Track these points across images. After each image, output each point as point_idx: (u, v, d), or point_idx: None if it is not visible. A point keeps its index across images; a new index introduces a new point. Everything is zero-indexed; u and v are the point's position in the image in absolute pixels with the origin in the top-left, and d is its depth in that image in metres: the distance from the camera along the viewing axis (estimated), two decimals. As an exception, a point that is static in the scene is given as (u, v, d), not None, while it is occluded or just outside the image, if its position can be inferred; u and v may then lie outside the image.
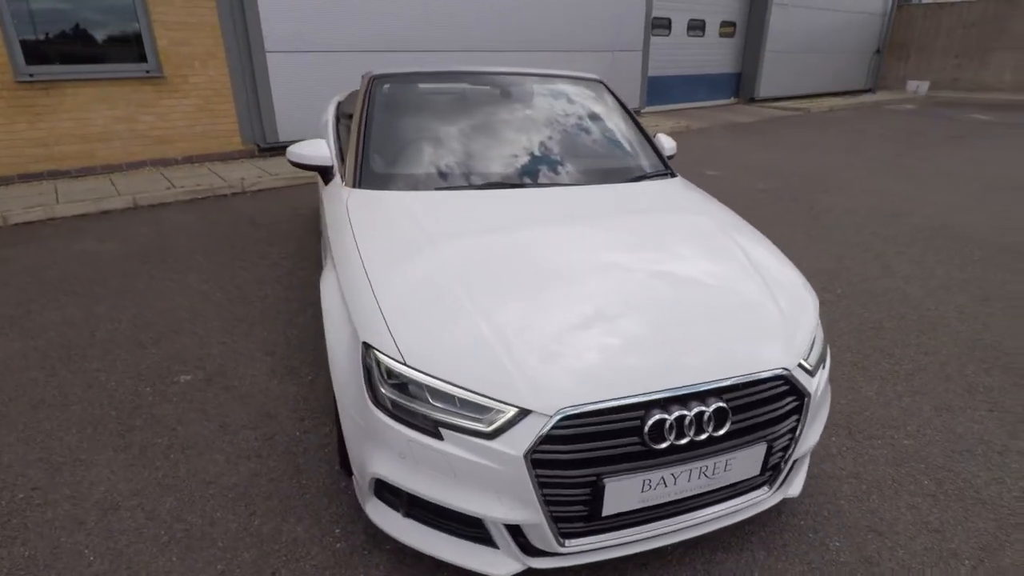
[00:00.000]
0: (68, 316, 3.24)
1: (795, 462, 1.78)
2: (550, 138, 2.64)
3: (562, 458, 1.45)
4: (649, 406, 1.48)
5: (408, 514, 1.63)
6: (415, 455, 1.50)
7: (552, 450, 1.44)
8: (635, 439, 1.48)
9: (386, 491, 1.65)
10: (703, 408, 1.50)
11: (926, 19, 16.04)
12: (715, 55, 12.29)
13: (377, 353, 1.55)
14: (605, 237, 2.00)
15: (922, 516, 2.01)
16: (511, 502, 1.46)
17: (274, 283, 3.69)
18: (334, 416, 2.34)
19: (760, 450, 1.61)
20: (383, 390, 1.54)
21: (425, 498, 1.53)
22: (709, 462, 1.55)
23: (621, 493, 1.49)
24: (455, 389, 1.47)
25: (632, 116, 2.93)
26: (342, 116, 3.52)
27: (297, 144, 2.50)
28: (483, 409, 1.46)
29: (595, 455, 1.46)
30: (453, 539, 1.60)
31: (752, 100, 12.96)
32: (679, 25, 11.28)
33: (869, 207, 5.62)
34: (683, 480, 1.54)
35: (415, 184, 2.29)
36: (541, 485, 1.45)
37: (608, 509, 1.50)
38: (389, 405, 1.53)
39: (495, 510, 1.47)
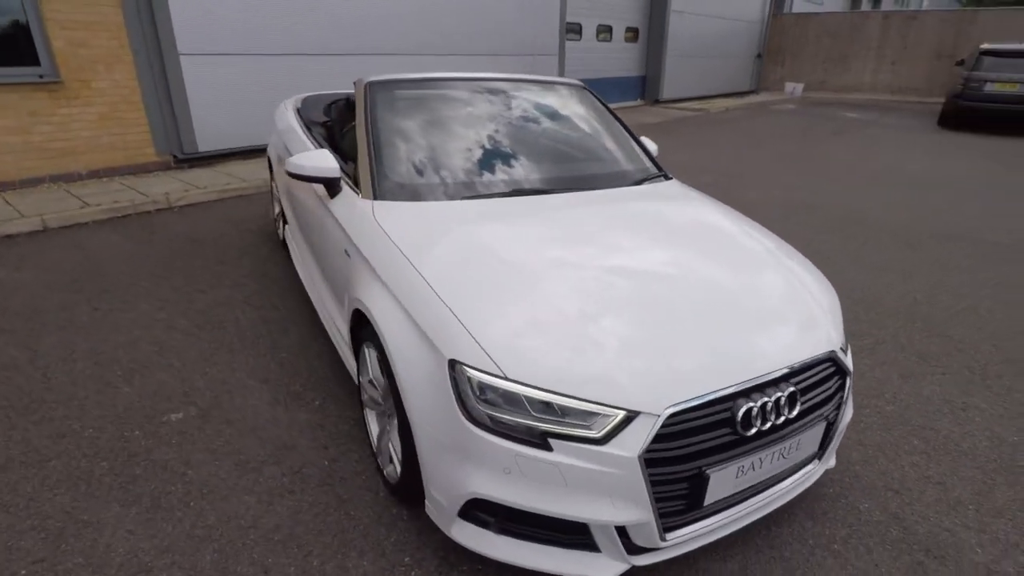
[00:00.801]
0: (8, 359, 2.82)
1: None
2: (559, 142, 2.68)
3: (670, 455, 1.50)
4: (736, 397, 1.57)
5: (502, 530, 1.61)
6: (522, 469, 1.49)
7: (662, 448, 1.48)
8: (728, 429, 1.56)
9: (476, 510, 1.61)
10: (779, 393, 1.61)
11: (796, 27, 17.79)
12: (622, 59, 12.89)
13: (468, 370, 1.52)
14: (652, 241, 2.07)
15: (923, 472, 2.27)
16: (623, 504, 1.49)
17: (242, 305, 3.43)
18: (367, 441, 2.24)
19: (821, 428, 1.76)
20: (480, 407, 1.51)
21: (530, 511, 1.52)
22: (787, 443, 1.66)
23: (721, 482, 1.56)
24: (561, 398, 1.47)
25: (620, 120, 3.03)
26: (311, 123, 3.34)
27: (298, 156, 2.35)
28: (588, 415, 1.47)
29: (698, 448, 1.53)
30: (552, 549, 1.60)
31: (657, 101, 13.73)
32: (589, 30, 11.71)
33: (786, 200, 6.17)
34: (767, 462, 1.64)
35: (441, 193, 2.24)
36: (652, 484, 1.49)
37: (709, 499, 1.57)
38: (488, 421, 1.50)
39: (607, 514, 1.49)
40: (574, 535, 1.58)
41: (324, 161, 2.30)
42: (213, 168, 6.38)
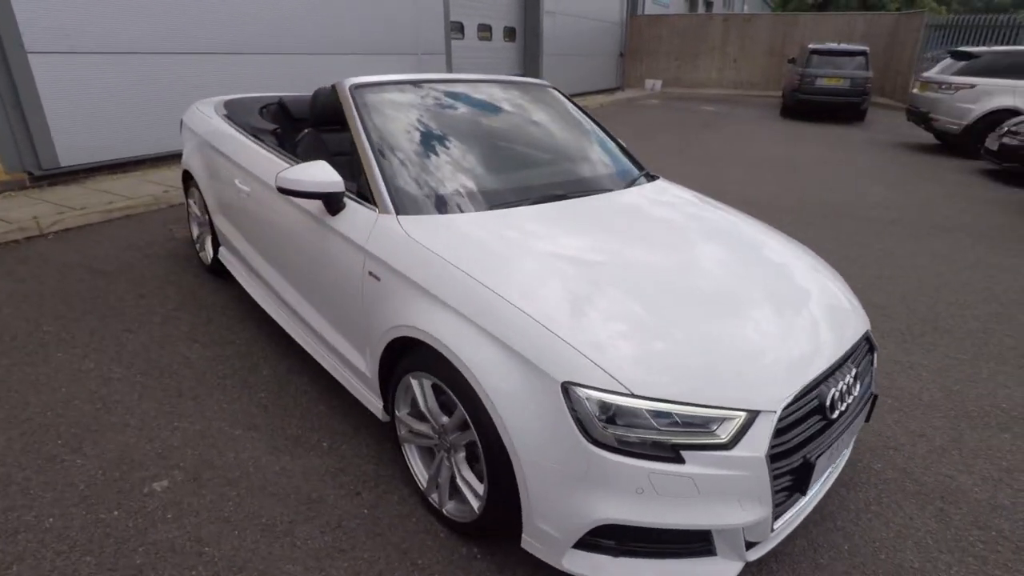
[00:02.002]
0: None
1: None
2: (557, 144, 2.62)
3: (784, 448, 1.54)
4: (820, 383, 1.64)
5: (622, 552, 1.55)
6: (655, 486, 1.44)
7: (778, 443, 1.51)
8: (819, 416, 1.64)
9: (595, 536, 1.53)
10: (848, 375, 1.73)
11: (650, 28, 19.17)
12: (503, 58, 13.02)
13: (588, 391, 1.44)
14: (694, 243, 2.10)
15: (906, 427, 2.56)
16: (750, 504, 1.50)
17: (187, 342, 2.96)
18: (404, 479, 2.04)
19: (870, 402, 1.90)
20: (605, 429, 1.43)
21: (663, 527, 1.47)
22: (857, 420, 1.79)
23: (821, 465, 1.63)
24: (687, 408, 1.44)
25: (594, 119, 3.04)
26: (255, 130, 2.96)
27: (289, 170, 2.07)
28: (711, 421, 1.46)
29: (802, 438, 1.58)
30: (669, 561, 1.57)
31: (538, 99, 14.09)
32: (471, 29, 11.67)
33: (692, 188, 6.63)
34: (845, 439, 1.75)
35: (465, 204, 2.09)
36: (773, 479, 1.51)
37: (813, 483, 1.63)
38: (615, 443, 1.43)
39: (736, 517, 1.49)
40: (693, 543, 1.56)
41: (325, 175, 2.04)
42: (83, 185, 5.44)
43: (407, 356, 1.87)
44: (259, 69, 7.24)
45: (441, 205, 2.06)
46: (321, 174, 2.04)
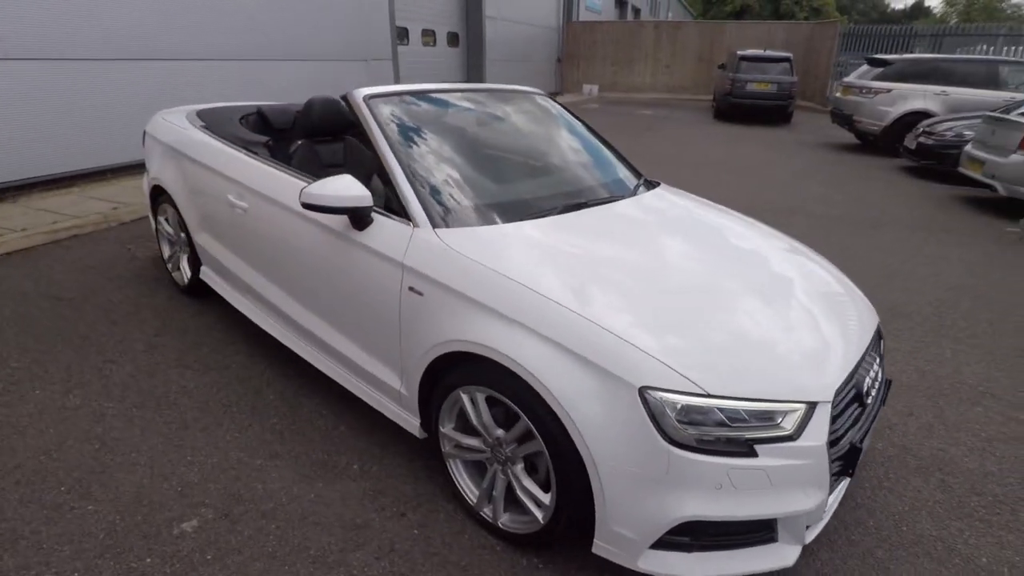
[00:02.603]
0: None
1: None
2: (568, 152, 2.66)
3: (836, 436, 1.64)
4: (855, 372, 1.77)
5: (697, 547, 1.60)
6: (733, 481, 1.50)
7: (833, 430, 1.61)
8: (857, 403, 1.76)
9: (671, 534, 1.57)
10: (874, 363, 1.86)
11: (586, 34, 19.62)
12: (447, 64, 12.97)
13: (665, 394, 1.48)
14: (717, 244, 2.19)
15: (893, 407, 2.76)
16: (813, 491, 1.59)
17: (178, 370, 2.78)
18: (447, 495, 2.01)
19: (885, 386, 2.05)
20: (684, 429, 1.48)
21: (739, 520, 1.54)
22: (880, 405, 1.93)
23: (864, 447, 1.75)
24: (757, 404, 1.51)
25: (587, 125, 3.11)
26: (246, 143, 2.82)
27: (314, 185, 2.00)
28: (776, 414, 1.54)
29: (847, 424, 1.69)
30: (737, 551, 1.63)
31: (483, 105, 14.13)
32: (415, 35, 11.56)
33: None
34: (873, 423, 1.88)
35: (499, 214, 2.08)
36: (831, 464, 1.61)
37: (858, 465, 1.74)
38: (693, 442, 1.49)
39: (802, 503, 1.58)
40: (758, 532, 1.63)
41: (353, 189, 1.99)
42: (17, 204, 4.99)
43: (454, 371, 1.86)
44: (204, 76, 6.89)
45: (475, 216, 2.05)
46: (348, 188, 1.99)
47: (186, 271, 3.45)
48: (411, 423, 2.12)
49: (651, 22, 19.57)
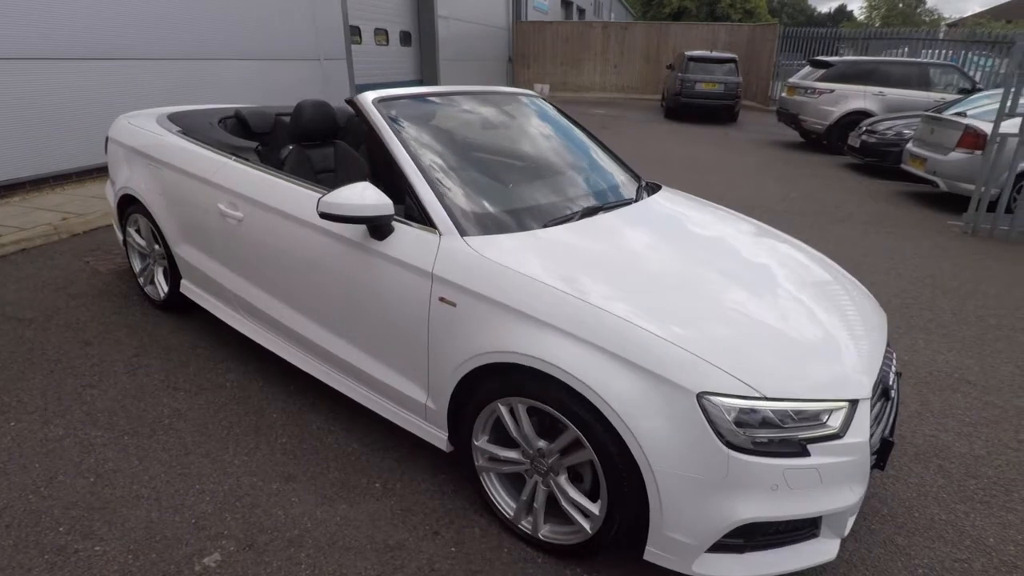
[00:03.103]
0: None
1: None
2: (573, 156, 2.65)
3: (873, 431, 1.69)
4: (881, 369, 1.84)
5: (749, 548, 1.62)
6: (788, 481, 1.53)
7: (870, 426, 1.67)
8: (885, 397, 1.83)
9: (725, 536, 1.59)
10: (891, 359, 1.95)
11: (535, 34, 19.72)
12: (400, 63, 12.75)
13: (723, 399, 1.50)
14: (736, 246, 2.23)
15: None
16: (856, 486, 1.64)
17: (170, 391, 2.61)
18: (476, 509, 1.96)
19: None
20: (741, 432, 1.50)
21: (793, 518, 1.57)
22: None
23: (894, 441, 1.82)
24: (809, 404, 1.55)
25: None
26: (233, 148, 2.67)
27: (333, 194, 1.91)
28: (822, 413, 1.58)
29: (877, 418, 1.76)
30: (783, 549, 1.66)
31: (438, 104, 13.96)
32: (368, 34, 11.30)
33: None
34: None
35: (524, 220, 2.05)
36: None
37: (889, 459, 1.81)
38: (750, 445, 1.51)
39: (847, 499, 1.62)
40: (804, 528, 1.67)
41: (374, 197, 1.91)
42: (-50, 216, 4.55)
43: (491, 382, 1.81)
44: (148, 75, 6.50)
45: (500, 223, 2.00)
46: (369, 197, 1.91)
47: (162, 285, 3.24)
48: (438, 437, 2.06)
49: (599, 23, 19.89)
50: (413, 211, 2.01)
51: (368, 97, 2.23)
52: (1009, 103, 5.54)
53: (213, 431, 2.38)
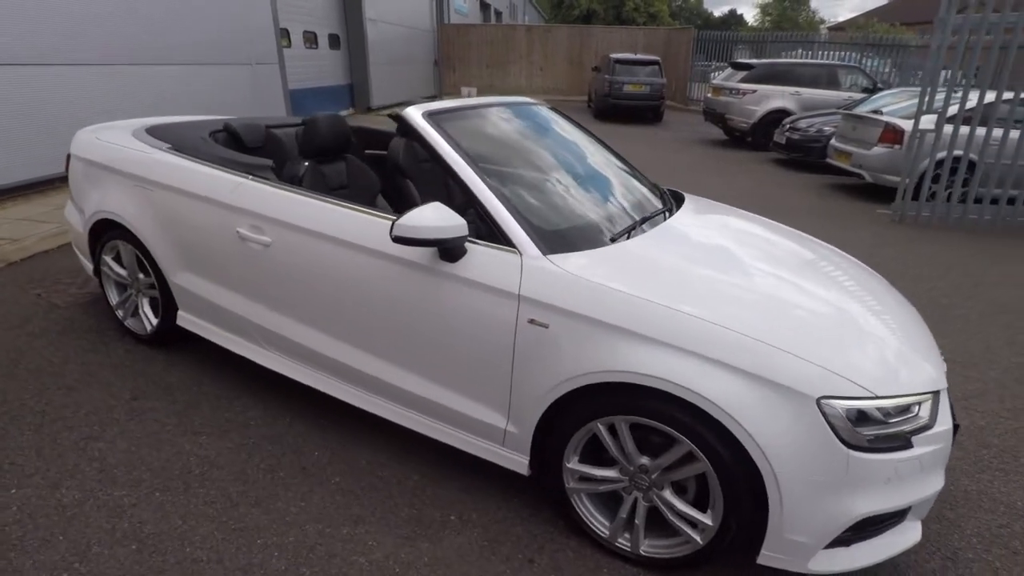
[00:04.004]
0: None
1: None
2: (609, 168, 2.64)
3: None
4: None
5: (852, 540, 1.69)
6: (900, 473, 1.61)
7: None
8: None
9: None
10: None
11: (459, 36, 19.61)
12: (330, 67, 12.26)
13: (840, 402, 1.56)
14: (789, 251, 2.31)
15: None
16: (942, 471, 1.75)
17: (189, 436, 2.35)
18: (563, 531, 1.92)
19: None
20: (858, 432, 1.56)
21: (901, 508, 1.65)
22: None
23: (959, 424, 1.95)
24: (905, 399, 1.64)
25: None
26: (250, 168, 2.45)
27: (408, 217, 1.80)
28: (913, 406, 1.67)
29: None
30: (880, 537, 1.74)
31: (369, 109, 13.53)
32: (297, 37, 10.77)
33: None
34: None
35: (595, 234, 2.02)
36: None
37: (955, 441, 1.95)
38: (865, 443, 1.57)
39: (937, 483, 1.73)
40: (895, 515, 1.76)
41: (449, 218, 1.82)
42: None
43: (586, 402, 1.78)
44: (70, 83, 5.86)
45: (575, 239, 1.96)
46: (446, 218, 1.81)
47: (148, 317, 2.93)
48: (517, 462, 1.99)
49: (523, 26, 20.09)
50: (481, 230, 1.93)
51: (417, 112, 2.12)
52: (926, 101, 6.13)
53: (254, 477, 2.17)
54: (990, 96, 6.02)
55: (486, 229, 1.92)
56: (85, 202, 2.96)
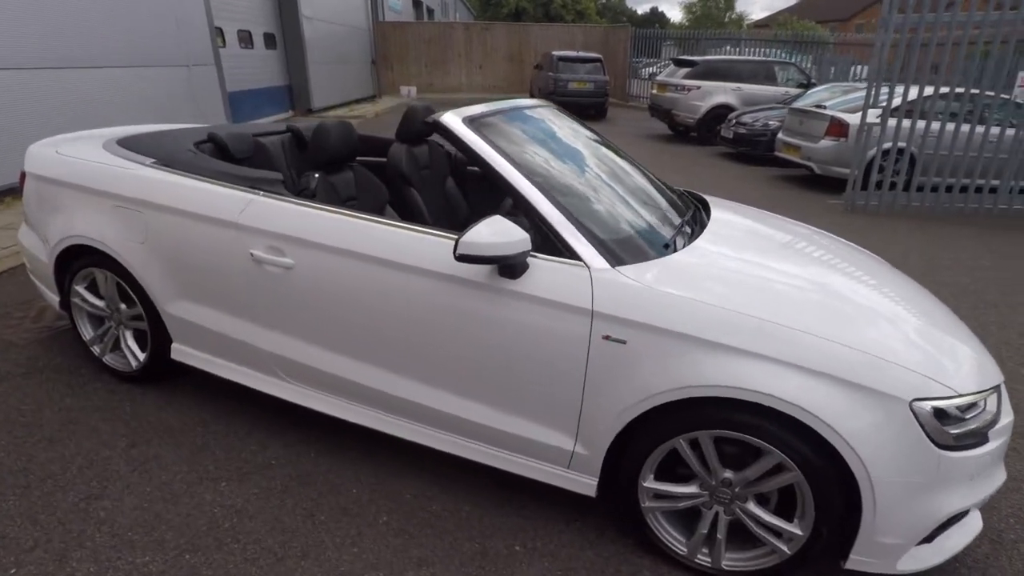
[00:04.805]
0: None
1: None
2: (633, 170, 2.57)
3: None
4: None
5: (931, 537, 1.70)
6: (981, 468, 1.64)
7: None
8: None
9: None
10: None
11: (395, 34, 19.15)
12: (268, 68, 11.63)
13: (930, 403, 1.57)
14: (827, 251, 2.32)
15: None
16: (1003, 463, 1.80)
17: (208, 484, 2.11)
18: (635, 550, 1.86)
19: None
20: (946, 431, 1.57)
21: (978, 501, 1.68)
22: None
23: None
24: (979, 395, 1.66)
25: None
26: (256, 181, 2.22)
27: (472, 233, 1.67)
28: (980, 402, 1.70)
29: None
30: (953, 529, 1.76)
31: (310, 111, 12.97)
32: (231, 36, 10.14)
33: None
34: None
35: (655, 243, 1.95)
36: None
37: None
38: (952, 441, 1.59)
39: (1002, 474, 1.78)
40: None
41: (515, 232, 1.70)
42: None
43: (667, 418, 1.71)
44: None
45: (636, 249, 1.88)
46: (513, 233, 1.69)
47: (133, 351, 2.62)
48: (585, 484, 1.91)
49: (461, 23, 19.87)
50: (535, 241, 1.81)
51: (455, 119, 1.98)
52: (872, 96, 6.47)
53: (292, 524, 1.97)
54: (929, 91, 6.42)
55: (540, 240, 1.82)
56: (48, 226, 2.62)
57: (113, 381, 2.71)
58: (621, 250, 1.84)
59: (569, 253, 1.79)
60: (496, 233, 1.68)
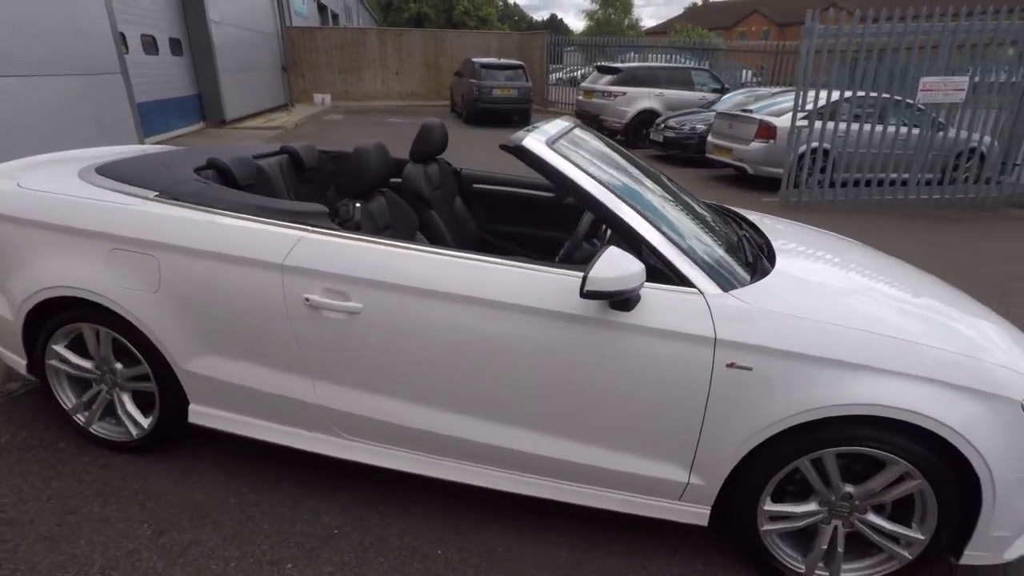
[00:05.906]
0: None
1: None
2: (680, 187, 2.54)
3: None
4: None
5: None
6: None
7: None
8: None
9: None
10: None
11: (305, 40, 18.22)
12: (175, 76, 10.61)
13: (1030, 402, 1.65)
14: (874, 262, 2.39)
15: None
16: None
17: (269, 568, 1.82)
18: (769, 570, 1.82)
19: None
20: None
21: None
22: None
23: None
24: None
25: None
26: (299, 216, 1.95)
27: (599, 268, 1.56)
28: None
29: None
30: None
31: (223, 122, 12.00)
32: (134, 42, 9.14)
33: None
34: None
35: (748, 262, 1.95)
36: None
37: None
38: None
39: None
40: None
41: (635, 265, 1.60)
42: None
43: (791, 441, 1.69)
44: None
45: (735, 271, 1.84)
46: (633, 265, 1.60)
47: (136, 418, 2.24)
48: (696, 514, 1.85)
49: (374, 29, 19.26)
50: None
51: (537, 143, 1.84)
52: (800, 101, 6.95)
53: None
54: (849, 94, 6.99)
55: (656, 269, 1.74)
56: (10, 276, 2.18)
57: (105, 454, 2.30)
58: (727, 274, 1.79)
59: (680, 280, 1.72)
60: (621, 267, 1.58)
